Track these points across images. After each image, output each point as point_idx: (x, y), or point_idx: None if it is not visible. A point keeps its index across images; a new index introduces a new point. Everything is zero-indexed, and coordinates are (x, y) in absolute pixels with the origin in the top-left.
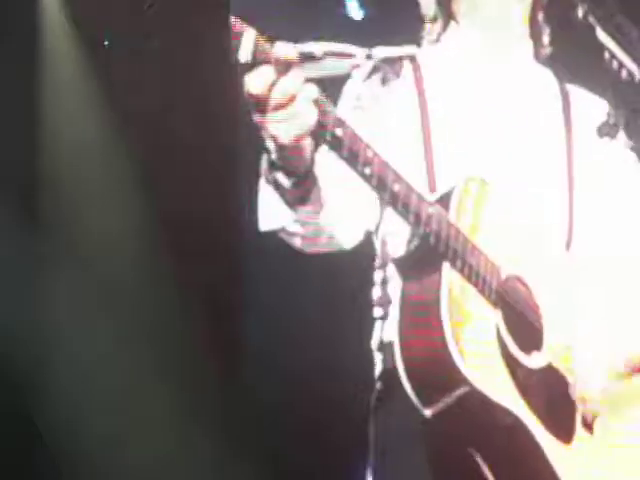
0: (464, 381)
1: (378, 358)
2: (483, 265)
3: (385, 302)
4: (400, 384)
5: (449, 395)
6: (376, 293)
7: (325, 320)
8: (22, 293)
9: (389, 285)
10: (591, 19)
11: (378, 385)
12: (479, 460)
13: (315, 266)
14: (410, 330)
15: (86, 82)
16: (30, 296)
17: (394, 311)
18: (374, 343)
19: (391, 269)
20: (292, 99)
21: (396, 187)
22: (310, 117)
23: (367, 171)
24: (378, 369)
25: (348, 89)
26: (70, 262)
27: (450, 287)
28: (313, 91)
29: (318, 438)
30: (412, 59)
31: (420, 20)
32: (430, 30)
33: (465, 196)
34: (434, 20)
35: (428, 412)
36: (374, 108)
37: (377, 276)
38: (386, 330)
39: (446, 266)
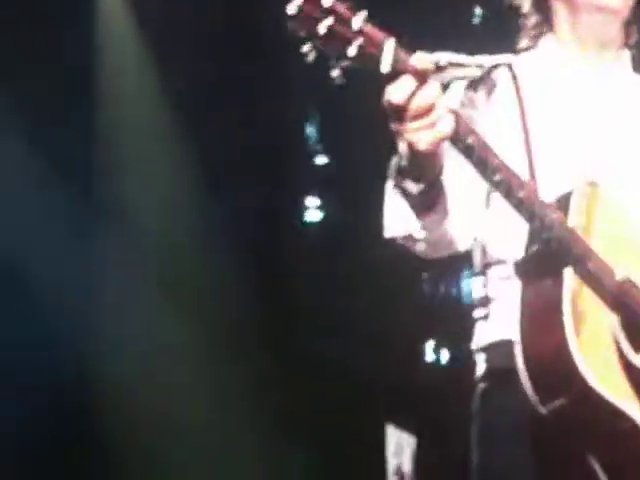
0: (582, 382)
1: (480, 359)
2: (600, 268)
3: (486, 304)
4: (508, 382)
5: (567, 394)
6: (477, 294)
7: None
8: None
9: (489, 287)
10: None
11: (482, 385)
12: (593, 461)
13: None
14: (532, 330)
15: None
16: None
17: (509, 313)
18: (475, 344)
19: (492, 272)
20: (431, 108)
21: (521, 193)
22: (448, 125)
23: (497, 178)
24: (481, 369)
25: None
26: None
27: (571, 290)
28: (449, 100)
29: None
30: (509, 68)
31: (514, 13)
32: (526, 28)
33: (581, 200)
34: (529, 16)
35: (544, 410)
36: (475, 116)
37: (477, 279)
38: (489, 331)
39: (567, 269)
